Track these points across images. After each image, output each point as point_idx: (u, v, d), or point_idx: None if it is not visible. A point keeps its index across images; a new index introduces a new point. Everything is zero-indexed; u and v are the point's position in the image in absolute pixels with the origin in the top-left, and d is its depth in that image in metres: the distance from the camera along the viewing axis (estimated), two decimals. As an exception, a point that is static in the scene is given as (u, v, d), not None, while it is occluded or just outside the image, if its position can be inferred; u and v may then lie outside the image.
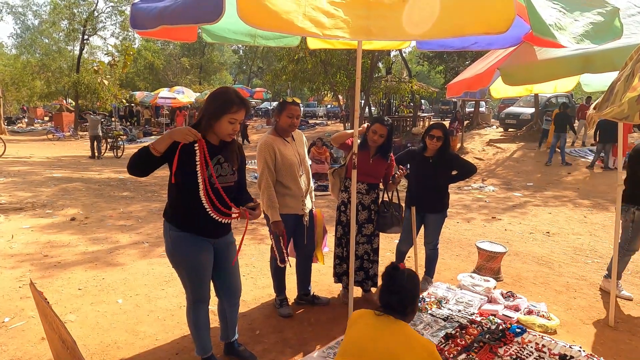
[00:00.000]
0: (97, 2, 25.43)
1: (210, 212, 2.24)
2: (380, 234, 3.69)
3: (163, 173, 2.36)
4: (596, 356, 2.93)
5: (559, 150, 12.33)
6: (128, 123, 24.53)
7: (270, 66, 20.59)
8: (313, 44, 3.69)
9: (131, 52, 13.48)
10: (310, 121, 27.78)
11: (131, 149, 16.25)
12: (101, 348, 2.83)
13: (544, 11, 1.73)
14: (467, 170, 3.86)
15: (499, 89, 4.27)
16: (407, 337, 1.74)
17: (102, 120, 19.14)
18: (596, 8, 1.88)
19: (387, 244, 5.20)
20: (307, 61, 11.78)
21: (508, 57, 2.87)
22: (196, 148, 2.16)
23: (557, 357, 2.88)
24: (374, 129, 3.43)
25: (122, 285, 3.89)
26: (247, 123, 20.80)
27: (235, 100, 2.19)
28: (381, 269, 2.16)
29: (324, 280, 4.13)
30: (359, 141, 3.60)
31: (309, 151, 11.28)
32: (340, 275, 3.62)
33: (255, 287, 3.96)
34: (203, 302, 2.46)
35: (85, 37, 25.08)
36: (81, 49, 24.88)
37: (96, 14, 25.25)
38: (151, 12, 2.02)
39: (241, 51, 38.06)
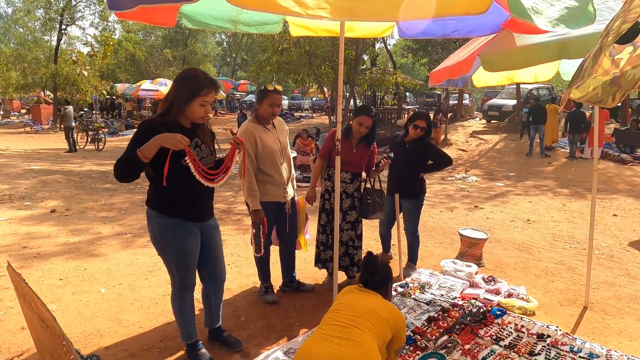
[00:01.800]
0: (75, -10, 24.69)
1: (204, 183, 2.23)
2: (364, 221, 3.74)
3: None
4: (571, 334, 3.04)
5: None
6: (110, 116, 24.04)
7: (254, 58, 20.40)
8: (295, 31, 3.66)
9: (111, 43, 13.15)
10: (296, 114, 27.67)
11: (112, 142, 15.99)
12: (83, 336, 2.80)
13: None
14: (443, 161, 3.94)
15: (481, 78, 4.32)
16: (386, 302, 2.12)
17: (82, 112, 18.75)
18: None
19: (372, 233, 5.25)
20: (291, 52, 11.69)
21: (488, 44, 2.91)
22: (187, 160, 2.13)
23: (535, 337, 2.97)
24: (359, 121, 3.46)
25: (104, 275, 3.84)
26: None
27: (206, 83, 2.17)
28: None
29: (309, 268, 4.15)
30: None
31: (293, 143, 11.27)
32: (324, 261, 3.65)
33: (240, 275, 3.96)
34: (189, 288, 2.46)
35: (63, 26, 24.33)
36: (59, 39, 24.16)
37: (74, 2, 24.50)
38: (129, -8, 1.99)
39: (225, 43, 37.57)
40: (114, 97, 24.68)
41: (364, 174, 3.75)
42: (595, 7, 2.06)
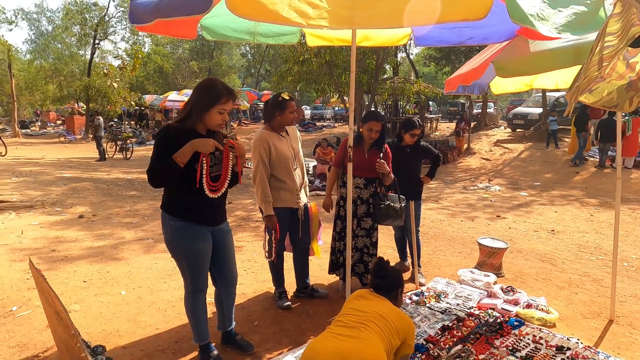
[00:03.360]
0: (108, 7, 25.89)
1: (209, 194, 2.32)
2: (383, 229, 3.74)
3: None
4: (593, 348, 2.93)
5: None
6: (138, 126, 24.88)
7: (277, 69, 20.73)
8: (312, 41, 3.74)
9: (140, 56, 13.66)
10: (318, 123, 27.88)
11: (140, 151, 16.51)
12: (103, 336, 2.91)
13: (526, 1, 1.76)
14: (437, 157, 4.22)
15: (499, 85, 4.28)
16: (395, 309, 2.12)
17: (112, 123, 19.48)
18: (581, -1, 1.91)
19: (390, 241, 5.22)
20: (312, 62, 11.84)
21: (501, 50, 2.90)
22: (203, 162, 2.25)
23: (554, 349, 2.88)
24: (369, 127, 3.49)
25: (125, 278, 3.97)
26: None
27: (224, 92, 2.28)
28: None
29: (324, 275, 4.16)
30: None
31: (314, 152, 11.35)
32: (337, 268, 3.66)
33: (255, 281, 4.01)
34: (201, 290, 2.52)
35: (97, 41, 25.52)
36: (92, 53, 25.33)
37: (107, 18, 25.69)
38: (147, 6, 2.10)
39: (249, 55, 38.37)
40: (143, 107, 25.55)
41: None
42: (607, 12, 2.03)
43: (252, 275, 4.15)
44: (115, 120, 22.22)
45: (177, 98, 21.68)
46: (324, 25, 1.71)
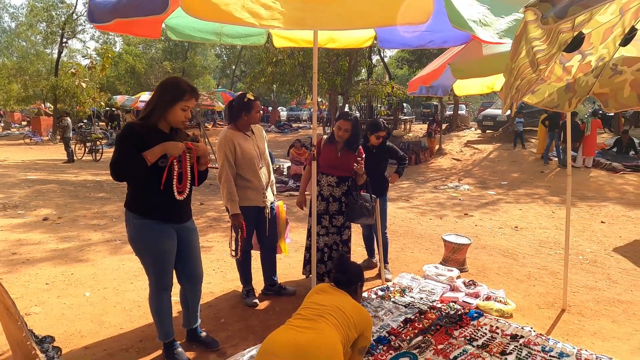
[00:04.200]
0: (76, 4, 25.08)
1: (177, 197, 2.36)
2: (355, 228, 3.82)
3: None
4: (545, 335, 3.10)
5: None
6: (108, 127, 24.24)
7: (252, 70, 20.68)
8: (279, 42, 3.80)
9: (110, 55, 13.31)
10: (294, 125, 27.90)
11: (110, 153, 16.10)
12: (65, 337, 2.87)
13: (468, 7, 1.88)
14: (402, 157, 4.33)
15: (462, 87, 4.45)
16: (353, 302, 2.18)
17: (82, 124, 18.92)
18: (522, 6, 2.05)
19: (359, 240, 5.32)
20: (285, 63, 11.90)
21: (458, 53, 3.04)
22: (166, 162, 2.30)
23: (508, 337, 3.03)
24: (338, 125, 3.59)
25: (90, 279, 3.91)
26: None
27: (187, 89, 2.32)
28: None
29: (293, 273, 4.22)
30: (326, 136, 3.77)
31: (288, 153, 11.38)
32: (306, 263, 3.73)
33: (224, 280, 4.03)
34: (166, 288, 2.54)
35: (64, 40, 24.71)
36: (60, 52, 24.49)
37: (75, 16, 24.91)
38: (106, 6, 2.11)
39: (224, 55, 37.96)
40: (113, 108, 24.92)
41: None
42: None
43: (221, 275, 4.16)
44: (85, 121, 21.58)
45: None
46: (276, 25, 1.78)
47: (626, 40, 1.86)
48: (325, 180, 3.66)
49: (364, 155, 3.74)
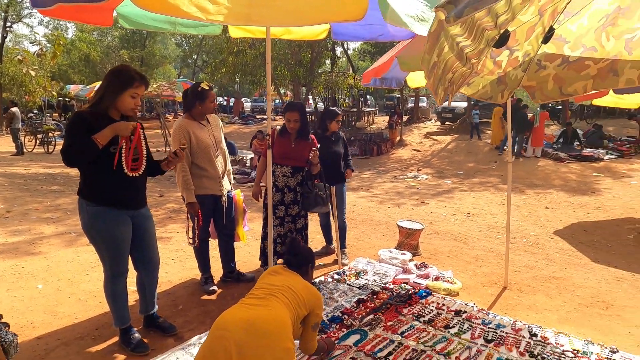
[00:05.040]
0: (21, -14, 23.53)
1: (129, 173, 2.39)
2: (313, 217, 3.90)
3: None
4: (486, 310, 3.37)
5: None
6: (62, 118, 23.08)
7: (215, 60, 20.30)
8: (234, 33, 3.83)
9: (62, 42, 12.66)
10: (258, 116, 27.65)
11: (64, 145, 15.42)
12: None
13: (405, 3, 2.02)
14: (347, 155, 4.41)
15: (415, 79, 4.65)
16: (304, 282, 2.29)
17: (32, 114, 17.93)
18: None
19: (318, 228, 5.47)
20: (246, 54, 11.80)
21: (405, 48, 3.20)
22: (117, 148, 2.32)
23: (453, 313, 3.27)
24: (287, 117, 3.67)
25: (43, 272, 3.83)
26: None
27: (136, 77, 2.35)
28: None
29: (252, 260, 4.30)
30: (279, 127, 3.84)
31: (250, 144, 11.35)
32: (267, 254, 3.78)
33: (182, 269, 4.06)
34: (121, 274, 2.56)
35: (8, 24, 23.16)
36: (3, 37, 22.93)
37: (19, -1, 23.39)
38: (48, -11, 2.08)
39: (185, 44, 36.87)
40: (67, 98, 23.73)
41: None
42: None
43: (180, 264, 4.19)
44: (35, 111, 20.45)
45: (106, 88, 20.35)
46: (222, 20, 1.84)
47: (546, 38, 2.06)
48: (280, 171, 3.73)
49: (318, 145, 3.83)
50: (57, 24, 25.38)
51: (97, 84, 20.85)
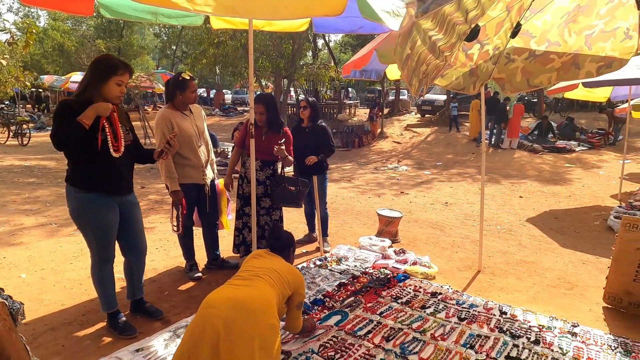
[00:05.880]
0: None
1: (113, 154, 2.44)
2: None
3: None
4: (460, 292, 3.55)
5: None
6: (36, 109, 22.42)
7: (194, 51, 20.01)
8: (216, 24, 3.87)
9: (34, 30, 12.30)
10: (239, 108, 27.44)
11: (39, 137, 15.05)
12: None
13: (382, 1, 2.13)
14: (329, 145, 4.31)
15: (394, 72, 4.78)
16: (287, 264, 2.42)
17: (3, 105, 17.36)
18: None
19: (302, 217, 5.58)
20: (227, 45, 11.72)
21: (383, 40, 3.31)
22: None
23: (429, 295, 3.44)
24: (255, 110, 3.53)
25: (26, 262, 3.83)
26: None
27: (120, 65, 2.40)
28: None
29: (236, 249, 4.38)
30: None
31: (232, 136, 11.33)
32: (238, 245, 3.80)
33: (167, 257, 4.12)
34: (109, 260, 2.62)
35: (-23, 12, 22.26)
36: (-28, 25, 22.06)
37: (-11, -14, 22.49)
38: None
39: (164, 35, 36.13)
40: (40, 89, 23.02)
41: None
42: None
43: (164, 252, 4.24)
44: (7, 102, 19.80)
45: (82, 79, 19.86)
46: (208, 11, 1.91)
47: (514, 33, 2.20)
48: (249, 163, 3.61)
49: (291, 139, 3.77)
50: (27, 11, 24.52)
51: (73, 75, 20.38)
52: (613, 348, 2.70)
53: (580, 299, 3.53)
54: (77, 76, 20.54)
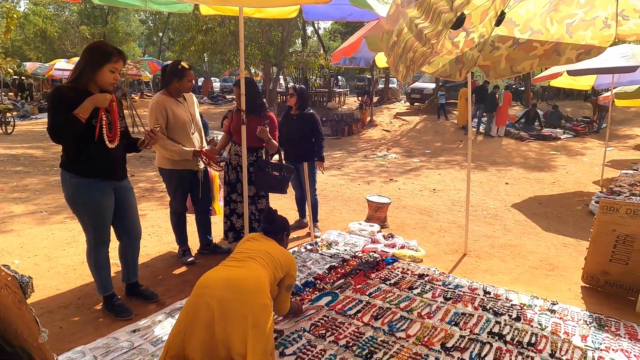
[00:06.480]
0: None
1: (108, 144, 2.47)
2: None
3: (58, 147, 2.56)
4: (446, 273, 3.68)
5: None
6: (19, 97, 21.93)
7: (182, 38, 19.70)
8: (205, 10, 3.86)
9: (15, 15, 12.00)
10: (228, 96, 27.20)
11: (24, 126, 14.81)
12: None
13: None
14: (318, 132, 4.35)
15: (383, 59, 4.82)
16: (280, 247, 2.48)
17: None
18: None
19: (293, 204, 5.65)
20: (216, 32, 11.59)
21: (373, 28, 3.36)
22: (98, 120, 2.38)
23: (416, 276, 3.56)
24: (235, 93, 3.57)
25: (18, 249, 3.85)
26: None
27: (114, 52, 2.42)
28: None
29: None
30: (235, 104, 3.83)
31: (221, 124, 11.30)
32: (226, 232, 3.85)
33: (160, 243, 4.17)
34: (104, 243, 2.67)
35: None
36: (-51, 10, 21.40)
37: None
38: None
39: (150, 21, 35.43)
40: (23, 77, 22.49)
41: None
42: None
43: (157, 239, 4.29)
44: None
45: (67, 67, 19.42)
46: (210, 1, 1.93)
47: (498, 21, 2.27)
48: (233, 149, 3.75)
49: (276, 124, 3.74)
50: (8, -4, 23.75)
51: (57, 62, 19.92)
52: (588, 323, 2.86)
53: (560, 279, 3.69)
54: (61, 63, 20.14)
